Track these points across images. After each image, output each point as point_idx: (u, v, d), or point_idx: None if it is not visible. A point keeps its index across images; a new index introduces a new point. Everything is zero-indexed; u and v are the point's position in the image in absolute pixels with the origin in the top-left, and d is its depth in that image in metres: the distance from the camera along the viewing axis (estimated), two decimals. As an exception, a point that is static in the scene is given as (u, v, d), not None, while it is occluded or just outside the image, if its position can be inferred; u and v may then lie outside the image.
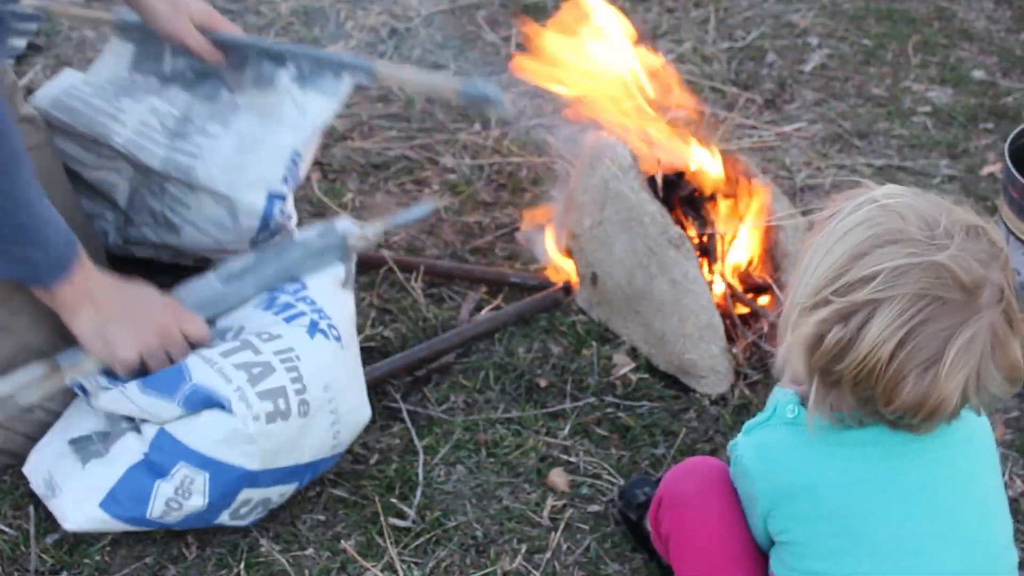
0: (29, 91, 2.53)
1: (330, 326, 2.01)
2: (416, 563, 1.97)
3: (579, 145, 2.65)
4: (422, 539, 2.01)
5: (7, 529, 2.00)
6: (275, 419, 1.89)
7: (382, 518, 2.03)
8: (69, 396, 2.08)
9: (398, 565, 1.96)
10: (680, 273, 2.28)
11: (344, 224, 2.17)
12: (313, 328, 1.99)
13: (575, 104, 2.53)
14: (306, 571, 1.95)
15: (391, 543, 2.00)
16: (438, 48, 3.37)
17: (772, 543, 1.64)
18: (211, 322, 2.05)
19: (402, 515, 2.05)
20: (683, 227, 2.39)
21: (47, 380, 1.96)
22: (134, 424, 1.97)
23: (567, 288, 2.49)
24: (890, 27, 3.54)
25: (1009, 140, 2.28)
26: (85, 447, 1.98)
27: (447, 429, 2.21)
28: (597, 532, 2.04)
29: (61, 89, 2.28)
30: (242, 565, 1.95)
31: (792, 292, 1.50)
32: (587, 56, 2.51)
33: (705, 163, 2.48)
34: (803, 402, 1.55)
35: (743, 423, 2.01)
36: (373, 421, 2.22)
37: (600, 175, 2.40)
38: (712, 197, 2.46)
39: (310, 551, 1.99)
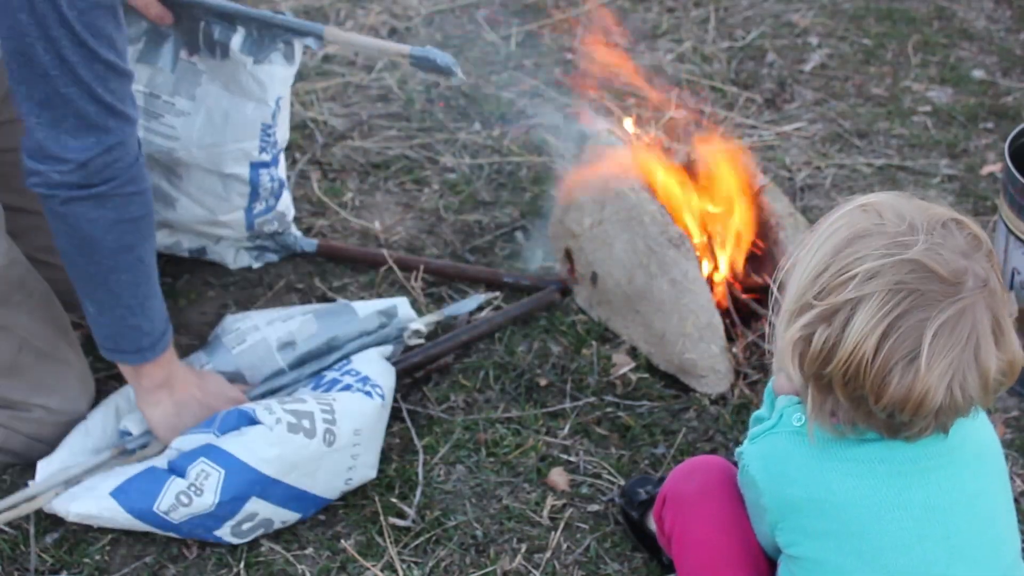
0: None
1: (374, 386, 2.08)
2: (416, 563, 1.97)
3: (579, 145, 2.65)
4: (422, 539, 2.01)
5: (7, 528, 2.00)
6: (297, 431, 1.94)
7: (382, 518, 2.03)
8: (70, 393, 2.09)
9: (398, 565, 1.96)
10: (680, 273, 2.28)
11: (405, 312, 2.30)
12: (358, 390, 2.07)
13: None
14: (306, 571, 1.95)
15: (391, 543, 2.00)
16: (438, 48, 3.36)
17: (779, 550, 1.64)
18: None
19: (402, 515, 2.05)
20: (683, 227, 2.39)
21: (112, 463, 2.03)
22: None
23: (563, 289, 2.49)
24: (890, 27, 3.54)
25: (1009, 140, 2.28)
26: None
27: (447, 429, 2.21)
28: (597, 532, 2.04)
29: None
30: (242, 565, 1.95)
31: (783, 300, 1.51)
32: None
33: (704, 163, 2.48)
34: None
35: (743, 423, 2.02)
36: (373, 421, 2.22)
37: (600, 175, 2.40)
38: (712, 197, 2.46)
39: (310, 551, 1.99)
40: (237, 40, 2.21)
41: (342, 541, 2.00)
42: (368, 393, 2.05)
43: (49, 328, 2.07)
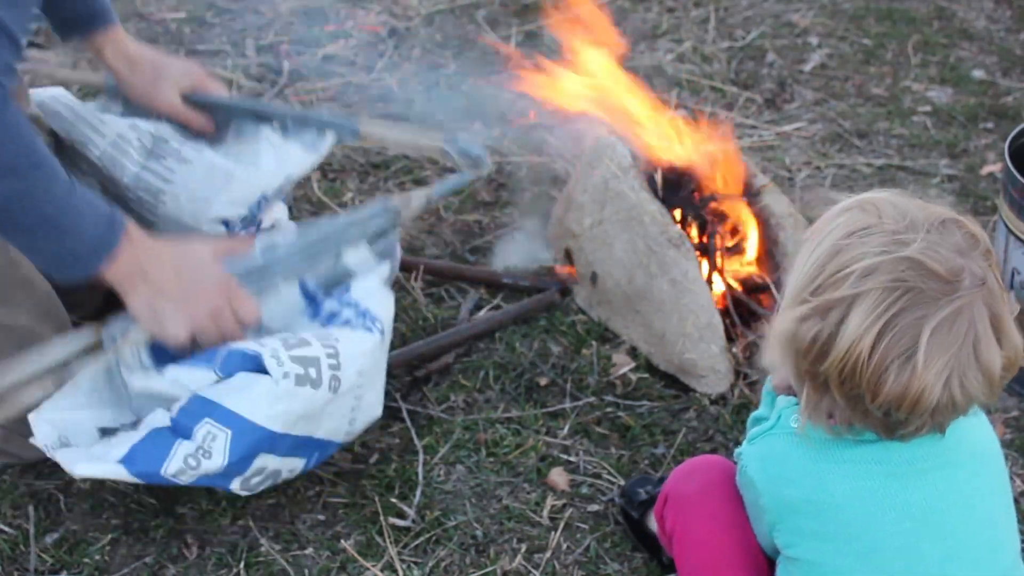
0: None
1: (374, 320, 2.02)
2: (416, 563, 1.97)
3: (579, 145, 2.65)
4: (422, 539, 2.01)
5: (7, 528, 2.00)
6: (304, 383, 1.88)
7: (382, 518, 2.03)
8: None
9: (398, 565, 1.96)
10: (680, 273, 2.28)
11: (388, 199, 2.19)
12: (359, 325, 2.01)
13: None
14: (306, 571, 1.95)
15: (391, 543, 2.00)
16: (438, 48, 3.37)
17: (778, 551, 1.64)
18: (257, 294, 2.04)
19: (402, 515, 2.05)
20: (683, 227, 2.39)
21: (94, 348, 1.94)
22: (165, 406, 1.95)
23: (563, 290, 2.49)
24: (890, 27, 3.54)
25: (1009, 140, 2.28)
26: (114, 436, 1.96)
27: (447, 429, 2.21)
28: (597, 532, 2.04)
29: (50, 94, 2.28)
30: (242, 565, 1.95)
31: (781, 299, 1.51)
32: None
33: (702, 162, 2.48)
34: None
35: (743, 422, 2.02)
36: (373, 420, 2.22)
37: (600, 175, 2.40)
38: (712, 197, 2.46)
39: (310, 551, 1.99)
40: (267, 129, 2.23)
41: (342, 541, 2.00)
42: (368, 329, 2.00)
43: (50, 328, 2.06)
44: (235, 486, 1.92)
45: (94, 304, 2.18)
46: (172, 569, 1.95)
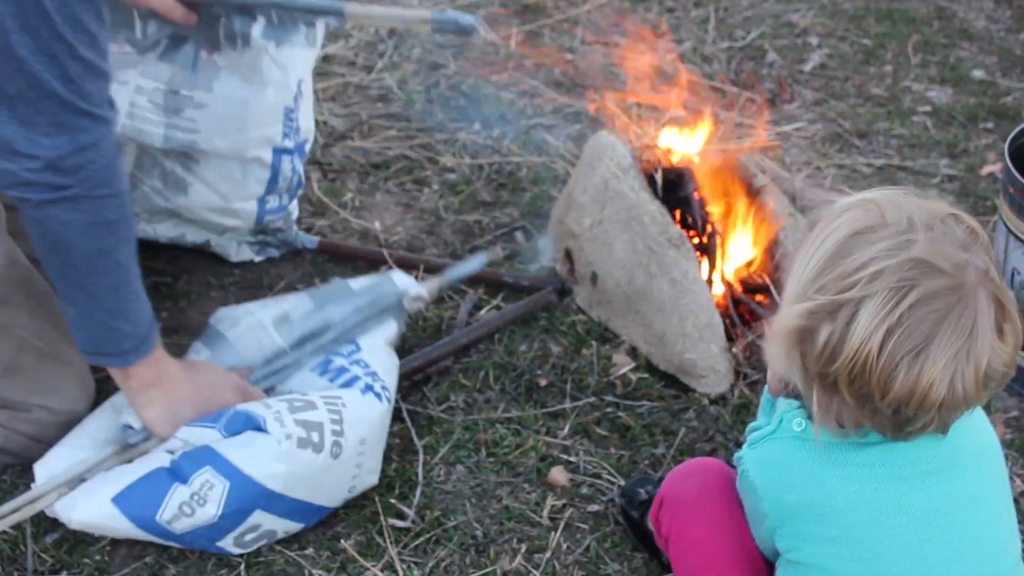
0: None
1: (384, 387, 2.06)
2: (416, 563, 1.97)
3: (579, 145, 2.65)
4: (422, 539, 2.01)
5: (6, 528, 2.00)
6: (306, 447, 1.92)
7: (382, 518, 2.03)
8: (70, 393, 2.08)
9: (398, 565, 1.96)
10: (680, 273, 2.28)
11: (402, 280, 2.24)
12: (367, 389, 2.04)
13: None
14: (306, 571, 1.95)
15: (391, 543, 2.00)
16: (438, 48, 3.37)
17: (778, 554, 1.64)
18: (271, 390, 2.12)
19: (402, 515, 2.05)
20: (683, 227, 2.39)
21: (117, 458, 2.00)
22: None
23: (562, 289, 2.49)
24: (890, 27, 3.54)
25: (1009, 140, 2.28)
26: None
27: (447, 429, 2.21)
28: (597, 532, 2.04)
29: None
30: (242, 566, 1.95)
31: (783, 298, 1.51)
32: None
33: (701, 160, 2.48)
34: (810, 415, 1.53)
35: (743, 423, 2.02)
36: (373, 421, 2.22)
37: (600, 175, 2.40)
38: (712, 196, 2.46)
39: (310, 551, 1.99)
40: (258, 28, 2.23)
41: (342, 541, 2.00)
42: (378, 395, 2.04)
43: (49, 328, 2.06)
44: (227, 543, 1.94)
45: None
46: (172, 569, 1.95)
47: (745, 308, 2.37)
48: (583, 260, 2.45)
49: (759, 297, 2.40)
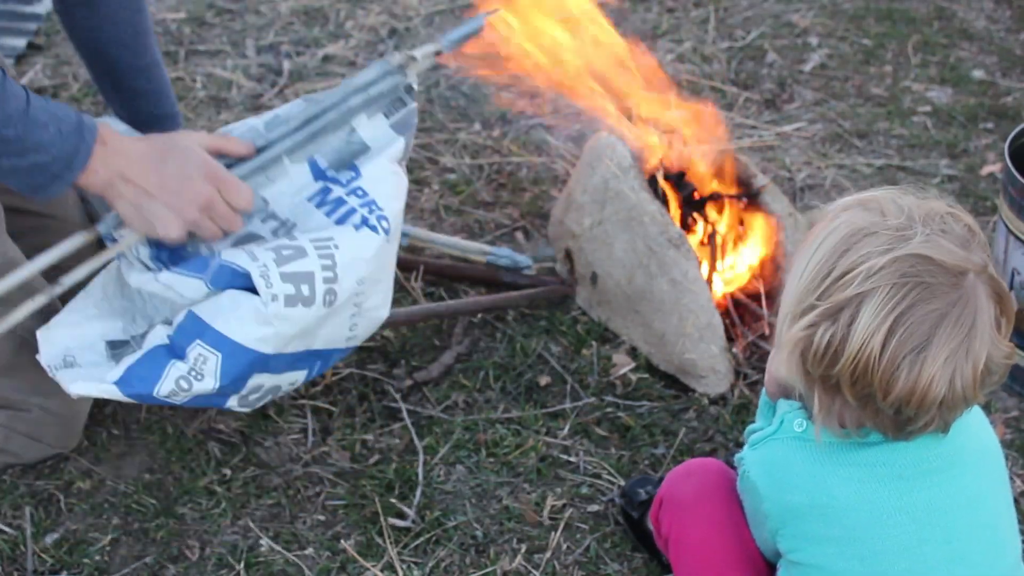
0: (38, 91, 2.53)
1: (380, 218, 1.91)
2: (416, 563, 1.97)
3: (579, 145, 2.65)
4: (422, 539, 2.01)
5: (6, 528, 2.00)
6: (295, 303, 1.82)
7: (382, 518, 2.03)
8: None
9: (398, 565, 1.96)
10: (680, 273, 2.28)
11: (394, 56, 2.01)
12: (362, 223, 1.90)
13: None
14: (306, 571, 1.95)
15: (391, 543, 2.00)
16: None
17: (779, 555, 1.64)
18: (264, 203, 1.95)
19: (402, 515, 2.05)
20: (685, 227, 2.39)
21: (93, 247, 1.89)
22: (167, 319, 1.91)
23: (567, 284, 2.49)
24: (890, 27, 3.53)
25: (1009, 140, 2.28)
26: (122, 351, 1.92)
27: (447, 429, 2.21)
28: (597, 532, 2.04)
29: None
30: (242, 565, 1.95)
31: (782, 302, 1.51)
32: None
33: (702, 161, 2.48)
34: (810, 415, 1.54)
35: (743, 423, 2.02)
36: (372, 420, 2.22)
37: (600, 175, 2.40)
38: (712, 197, 2.46)
39: (310, 551, 1.99)
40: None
41: (342, 541, 2.00)
42: (373, 228, 1.89)
43: (49, 327, 2.06)
44: (232, 404, 1.88)
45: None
46: (172, 569, 1.95)
47: (744, 309, 2.37)
48: (583, 260, 2.45)
49: (758, 297, 2.40)
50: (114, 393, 1.84)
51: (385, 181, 1.95)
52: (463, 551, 2.00)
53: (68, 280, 1.88)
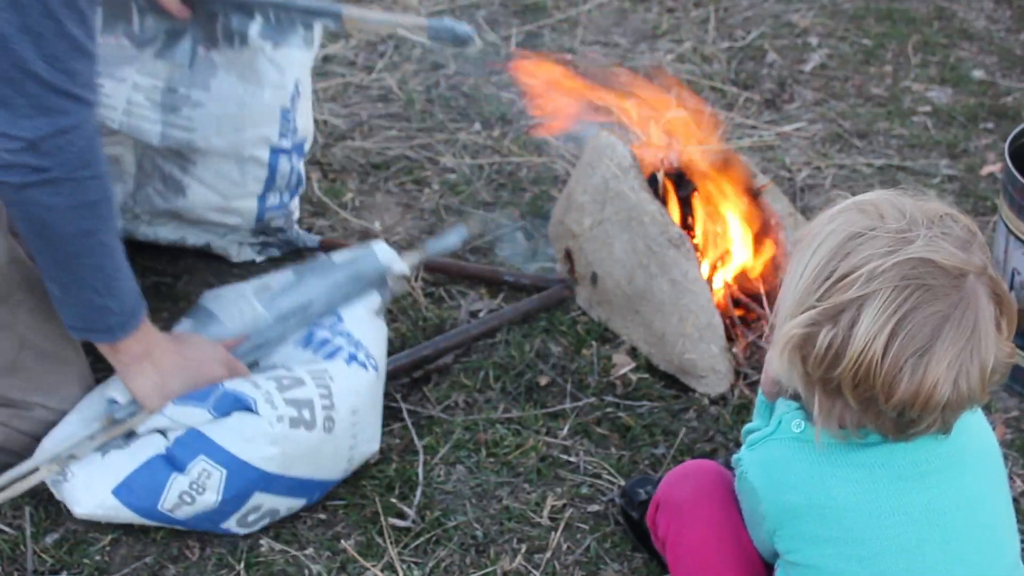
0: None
1: (368, 356, 2.06)
2: (416, 563, 1.97)
3: (579, 145, 2.65)
4: (422, 539, 2.01)
5: (6, 529, 2.00)
6: (298, 426, 1.93)
7: (382, 518, 2.03)
8: (70, 392, 2.08)
9: (398, 565, 1.96)
10: (680, 273, 2.28)
11: (384, 253, 2.21)
12: (351, 359, 2.04)
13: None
14: (306, 571, 1.95)
15: (391, 543, 2.00)
16: (438, 48, 3.36)
17: (777, 556, 1.64)
18: (255, 364, 2.11)
19: (402, 515, 2.05)
20: (686, 227, 2.39)
21: (104, 434, 1.98)
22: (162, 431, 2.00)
23: (567, 285, 2.49)
24: (890, 27, 3.54)
25: (1009, 140, 2.28)
26: (107, 444, 1.98)
27: (447, 429, 2.21)
28: (597, 532, 2.04)
29: None
30: (242, 565, 1.95)
31: (780, 304, 1.50)
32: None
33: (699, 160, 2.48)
34: (809, 416, 1.53)
35: (743, 423, 2.01)
36: (373, 421, 2.22)
37: (600, 175, 2.40)
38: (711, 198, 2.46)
39: (310, 551, 1.99)
40: (255, 27, 2.23)
41: (342, 541, 2.00)
42: (363, 364, 2.04)
43: (50, 327, 2.06)
44: (232, 523, 1.95)
45: None
46: (172, 569, 1.95)
47: (744, 309, 2.37)
48: (583, 260, 2.45)
49: (759, 296, 2.40)
50: (117, 507, 1.91)
51: (367, 324, 2.13)
52: (463, 551, 2.00)
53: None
